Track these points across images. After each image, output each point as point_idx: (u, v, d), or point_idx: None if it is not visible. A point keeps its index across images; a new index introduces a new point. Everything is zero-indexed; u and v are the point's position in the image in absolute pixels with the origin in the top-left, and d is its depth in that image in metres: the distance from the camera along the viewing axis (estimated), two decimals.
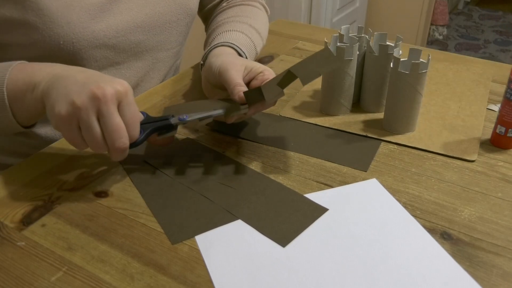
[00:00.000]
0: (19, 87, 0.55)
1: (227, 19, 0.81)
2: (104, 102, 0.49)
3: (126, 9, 0.71)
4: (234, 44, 0.73)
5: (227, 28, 0.77)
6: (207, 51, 0.73)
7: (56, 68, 0.55)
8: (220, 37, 0.75)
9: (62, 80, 0.52)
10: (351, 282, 0.45)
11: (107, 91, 0.49)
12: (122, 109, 0.51)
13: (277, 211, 0.54)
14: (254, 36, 0.79)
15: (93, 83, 0.50)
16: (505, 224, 0.53)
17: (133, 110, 0.52)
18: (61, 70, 0.54)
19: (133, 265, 0.47)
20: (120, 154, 0.52)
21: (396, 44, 0.68)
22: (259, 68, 0.64)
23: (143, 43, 0.75)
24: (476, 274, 0.46)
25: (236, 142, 0.66)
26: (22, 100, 0.55)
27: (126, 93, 0.51)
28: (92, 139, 0.50)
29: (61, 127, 0.51)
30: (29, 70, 0.56)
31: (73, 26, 0.64)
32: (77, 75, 0.52)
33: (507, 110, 0.63)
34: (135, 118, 0.52)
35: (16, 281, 0.45)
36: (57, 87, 0.51)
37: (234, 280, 0.46)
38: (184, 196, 0.56)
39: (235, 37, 0.75)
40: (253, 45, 0.78)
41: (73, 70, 0.54)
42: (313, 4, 2.23)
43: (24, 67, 0.56)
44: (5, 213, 0.53)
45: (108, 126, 0.50)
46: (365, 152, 0.64)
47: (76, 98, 0.49)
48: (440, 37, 3.35)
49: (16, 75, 0.55)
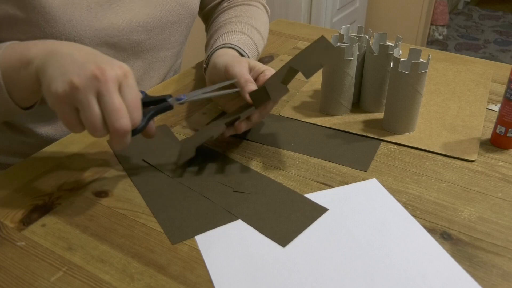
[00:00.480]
0: (12, 65, 0.53)
1: (228, 20, 0.81)
2: (104, 82, 0.46)
3: (128, 8, 0.71)
4: (237, 46, 0.73)
5: (228, 29, 0.77)
6: (210, 53, 0.73)
7: (51, 44, 0.53)
8: (222, 38, 0.75)
9: (59, 57, 0.49)
10: (351, 282, 0.45)
11: (107, 72, 0.47)
12: (122, 90, 0.48)
13: (277, 211, 0.54)
14: (256, 36, 0.79)
15: (92, 63, 0.47)
16: (505, 224, 0.53)
17: (134, 92, 0.49)
18: (57, 46, 0.52)
19: (133, 265, 0.47)
20: (121, 138, 0.48)
21: (396, 44, 0.68)
22: (261, 68, 0.64)
23: (144, 42, 0.75)
24: (476, 274, 0.46)
25: (236, 142, 0.66)
26: (17, 78, 0.53)
27: (126, 75, 0.48)
28: (90, 120, 0.47)
29: (57, 106, 0.48)
30: (22, 47, 0.54)
31: (75, 24, 0.64)
32: (74, 53, 0.50)
33: (507, 110, 0.63)
34: (136, 101, 0.49)
35: (16, 281, 0.45)
36: (53, 64, 0.49)
37: (234, 280, 0.46)
38: (184, 196, 0.56)
39: (236, 38, 0.75)
40: (255, 45, 0.78)
41: (70, 47, 0.52)
42: (313, 4, 2.23)
43: (17, 45, 0.55)
44: (5, 213, 0.53)
45: (108, 105, 0.46)
46: (365, 152, 0.64)
47: (75, 77, 0.46)
48: (440, 37, 3.35)
49: (9, 53, 0.54)
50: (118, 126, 0.47)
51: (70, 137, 0.67)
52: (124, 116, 0.47)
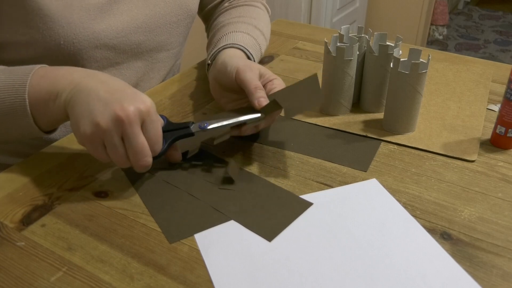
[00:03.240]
0: (42, 96, 0.55)
1: (231, 20, 0.81)
2: (128, 124, 0.50)
3: (126, 10, 0.71)
4: (244, 47, 0.73)
5: (233, 29, 0.76)
6: (216, 51, 0.72)
7: (77, 76, 0.55)
8: (228, 37, 0.74)
9: (85, 94, 0.52)
10: (351, 282, 0.45)
11: (130, 112, 0.50)
12: (145, 127, 0.52)
13: (263, 207, 0.54)
14: (259, 37, 0.79)
15: (116, 103, 0.50)
16: (505, 224, 0.53)
17: (156, 127, 0.53)
18: (83, 79, 0.54)
19: (133, 265, 0.47)
20: (144, 169, 0.53)
21: (396, 44, 0.68)
22: (271, 76, 0.64)
23: (143, 43, 0.75)
24: (476, 274, 0.46)
25: (236, 143, 0.66)
26: (45, 108, 0.55)
27: (148, 112, 0.52)
28: (116, 157, 0.52)
29: (86, 144, 0.53)
30: (51, 78, 0.55)
31: (74, 26, 0.64)
32: (99, 89, 0.52)
33: (507, 110, 0.63)
34: (158, 135, 0.53)
35: (16, 281, 0.45)
36: (80, 102, 0.52)
37: (234, 280, 0.46)
38: (180, 196, 0.56)
39: (242, 39, 0.74)
40: (259, 46, 0.78)
41: (95, 81, 0.53)
42: (313, 4, 2.23)
43: (45, 73, 0.56)
44: (5, 213, 0.53)
45: (133, 147, 0.51)
46: (365, 152, 0.64)
47: (100, 119, 0.50)
48: (440, 37, 3.35)
49: (38, 83, 0.55)
50: (141, 164, 0.52)
51: (70, 137, 0.67)
52: (146, 154, 0.52)
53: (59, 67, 0.57)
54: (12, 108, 0.55)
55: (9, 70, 0.57)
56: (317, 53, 0.96)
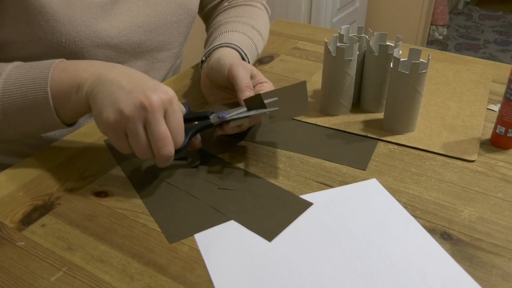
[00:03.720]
0: (63, 89, 0.55)
1: (229, 19, 0.81)
2: (151, 112, 0.50)
3: (127, 9, 0.71)
4: (238, 47, 0.73)
5: (229, 28, 0.77)
6: (210, 49, 0.73)
7: (99, 68, 0.55)
8: (223, 36, 0.75)
9: (107, 84, 0.53)
10: (351, 282, 0.45)
11: (153, 101, 0.50)
12: (167, 117, 0.52)
13: (263, 207, 0.54)
14: (256, 37, 0.79)
15: (140, 92, 0.51)
16: (505, 224, 0.53)
17: (178, 117, 0.53)
18: (105, 71, 0.55)
19: (133, 265, 0.47)
20: (166, 161, 0.53)
21: (396, 44, 0.68)
22: (261, 79, 0.65)
23: (144, 43, 0.75)
24: (476, 274, 0.46)
25: (236, 143, 0.66)
26: (67, 101, 0.56)
27: (171, 101, 0.52)
28: (138, 146, 0.52)
29: (108, 132, 0.53)
30: (72, 71, 0.56)
31: (76, 25, 0.64)
32: (122, 79, 0.53)
33: (507, 110, 0.63)
34: (180, 126, 0.53)
35: (16, 281, 0.45)
36: (102, 91, 0.52)
37: (234, 280, 0.46)
38: (180, 196, 0.56)
39: (238, 39, 0.75)
40: (255, 46, 0.78)
41: (117, 73, 0.54)
42: (313, 4, 2.23)
43: (65, 67, 0.57)
44: (5, 213, 0.53)
45: (155, 135, 0.51)
46: (363, 151, 0.64)
47: (124, 107, 0.50)
48: (440, 37, 3.35)
49: (59, 76, 0.56)
50: (163, 153, 0.52)
51: (70, 137, 0.67)
52: (168, 143, 0.52)
53: (79, 60, 0.58)
54: (35, 101, 0.56)
55: (29, 65, 0.57)
56: (317, 53, 0.96)
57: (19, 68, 0.57)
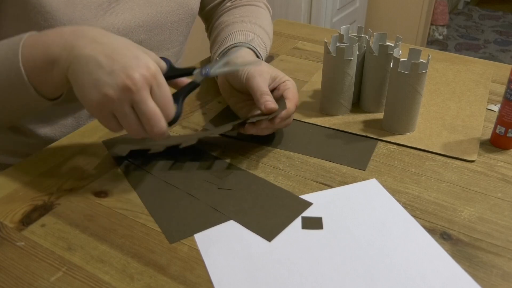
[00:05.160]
0: (38, 65, 0.53)
1: (235, 19, 0.81)
2: (136, 91, 0.49)
3: (127, 8, 0.71)
4: (253, 47, 0.73)
5: (239, 28, 0.77)
6: (225, 49, 0.72)
7: (69, 39, 0.52)
8: (235, 36, 0.75)
9: (83, 61, 0.50)
10: (350, 282, 0.45)
11: (137, 80, 0.49)
12: (153, 92, 0.51)
13: (262, 207, 0.54)
14: (265, 37, 0.79)
15: (121, 72, 0.49)
16: (505, 224, 0.53)
17: (164, 90, 0.51)
18: (76, 42, 0.52)
19: (133, 265, 0.47)
20: (160, 136, 0.52)
21: (396, 44, 0.68)
22: (283, 78, 0.65)
23: (144, 42, 0.75)
24: (476, 274, 0.46)
25: (236, 143, 0.66)
26: (45, 77, 0.54)
27: (154, 76, 0.50)
28: (129, 126, 0.51)
29: (94, 114, 0.51)
30: (42, 45, 0.53)
31: (75, 24, 0.64)
32: (98, 54, 0.50)
33: (507, 110, 0.63)
34: (168, 99, 0.52)
35: (16, 281, 0.45)
36: (81, 71, 0.50)
37: (234, 280, 0.46)
38: (180, 196, 0.56)
39: (250, 39, 0.74)
40: (264, 46, 0.78)
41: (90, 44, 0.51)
42: (313, 4, 2.23)
43: (34, 42, 0.54)
44: (5, 213, 0.53)
45: (144, 114, 0.50)
46: (363, 151, 0.64)
47: (107, 90, 0.49)
48: (440, 37, 3.35)
49: (31, 53, 0.53)
50: (156, 130, 0.51)
51: (70, 137, 0.67)
52: (159, 119, 0.51)
53: (48, 30, 0.55)
54: (9, 81, 0.54)
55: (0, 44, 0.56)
56: (317, 53, 0.96)
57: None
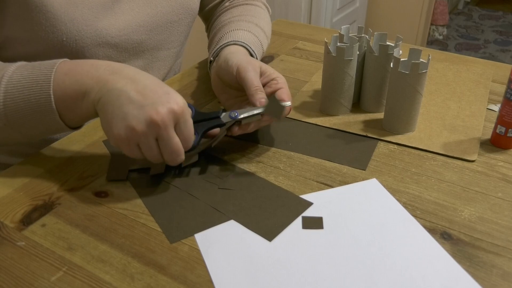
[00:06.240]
0: (68, 94, 0.54)
1: (233, 18, 0.81)
2: (164, 128, 0.51)
3: (128, 8, 0.71)
4: (246, 44, 0.73)
5: (235, 27, 0.77)
6: (218, 48, 0.73)
7: (103, 73, 0.54)
8: (230, 35, 0.75)
9: (115, 94, 0.52)
10: (351, 282, 0.45)
11: (165, 116, 0.50)
12: (178, 128, 0.53)
13: (263, 207, 0.54)
14: (261, 35, 0.79)
15: (151, 107, 0.50)
16: (505, 224, 0.53)
17: (189, 126, 0.54)
18: (110, 76, 0.53)
19: (133, 265, 0.47)
20: (176, 164, 0.55)
21: (396, 44, 0.68)
22: (273, 74, 0.65)
23: (144, 42, 0.75)
24: (476, 274, 0.46)
25: (236, 143, 0.66)
26: (73, 107, 0.55)
27: (182, 113, 0.52)
28: (151, 156, 0.53)
29: (120, 145, 0.53)
30: (76, 75, 0.54)
31: (77, 24, 0.64)
32: (130, 90, 0.52)
33: (507, 110, 0.63)
34: (190, 134, 0.54)
35: (16, 281, 0.45)
36: (111, 103, 0.52)
37: (234, 280, 0.46)
38: (180, 196, 0.56)
39: (244, 36, 0.75)
40: (261, 44, 0.78)
41: (123, 80, 0.53)
42: (313, 4, 2.23)
43: (68, 70, 0.55)
44: (5, 213, 0.53)
45: (167, 149, 0.52)
46: (363, 151, 0.64)
47: (136, 124, 0.50)
48: (440, 37, 3.35)
49: (63, 80, 0.54)
50: (175, 163, 0.54)
51: (70, 137, 0.67)
52: (180, 154, 0.53)
53: (82, 61, 0.57)
54: (37, 105, 0.55)
55: (31, 66, 0.56)
56: (317, 53, 0.96)
57: (21, 69, 0.56)
